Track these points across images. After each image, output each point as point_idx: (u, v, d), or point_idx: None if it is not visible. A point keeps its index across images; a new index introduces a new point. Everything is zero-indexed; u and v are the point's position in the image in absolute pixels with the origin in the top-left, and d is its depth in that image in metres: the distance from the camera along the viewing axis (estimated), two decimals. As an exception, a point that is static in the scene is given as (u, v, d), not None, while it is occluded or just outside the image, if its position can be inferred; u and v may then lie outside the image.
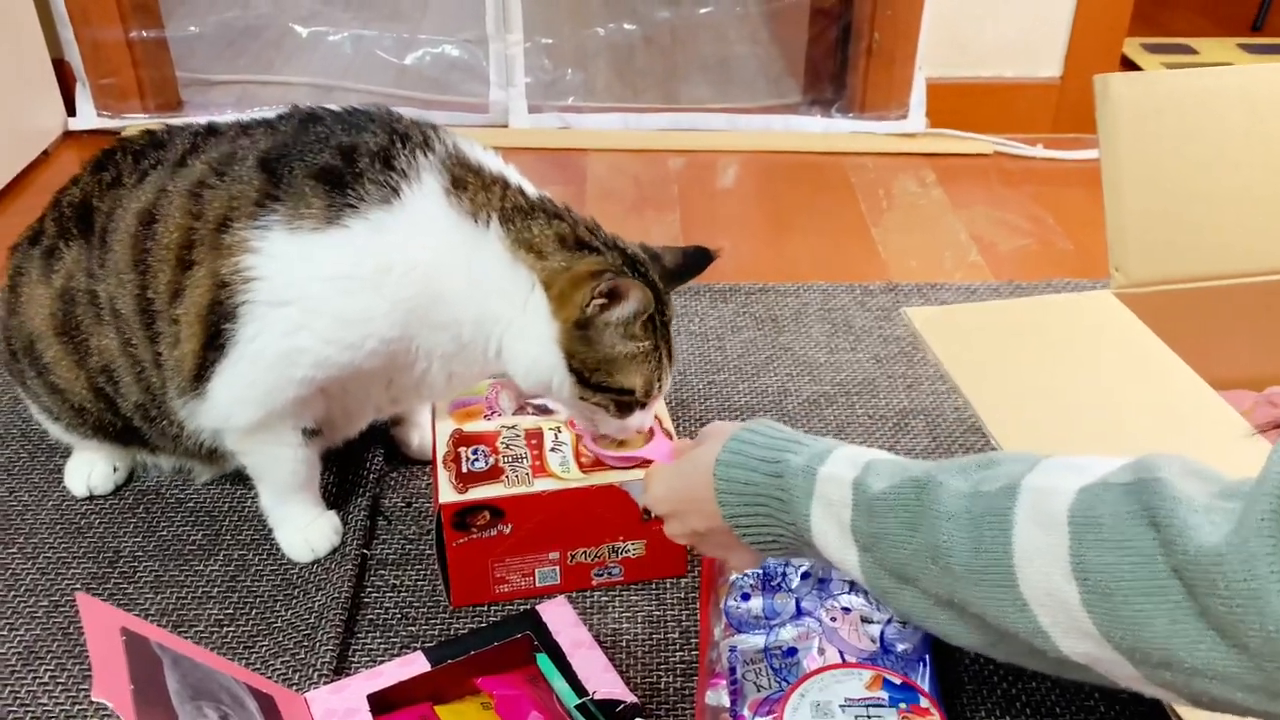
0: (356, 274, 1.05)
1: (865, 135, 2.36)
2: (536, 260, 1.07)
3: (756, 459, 0.90)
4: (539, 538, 1.18)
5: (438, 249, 1.07)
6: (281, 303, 1.06)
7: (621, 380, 1.09)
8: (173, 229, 1.09)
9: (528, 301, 1.08)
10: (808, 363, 1.64)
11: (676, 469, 0.99)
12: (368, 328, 1.07)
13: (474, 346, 1.11)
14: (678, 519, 0.98)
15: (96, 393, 1.21)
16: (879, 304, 1.79)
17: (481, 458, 1.20)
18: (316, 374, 1.10)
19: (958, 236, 2.03)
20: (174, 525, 1.32)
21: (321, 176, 1.06)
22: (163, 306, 1.10)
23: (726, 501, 0.90)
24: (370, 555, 1.28)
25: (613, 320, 1.06)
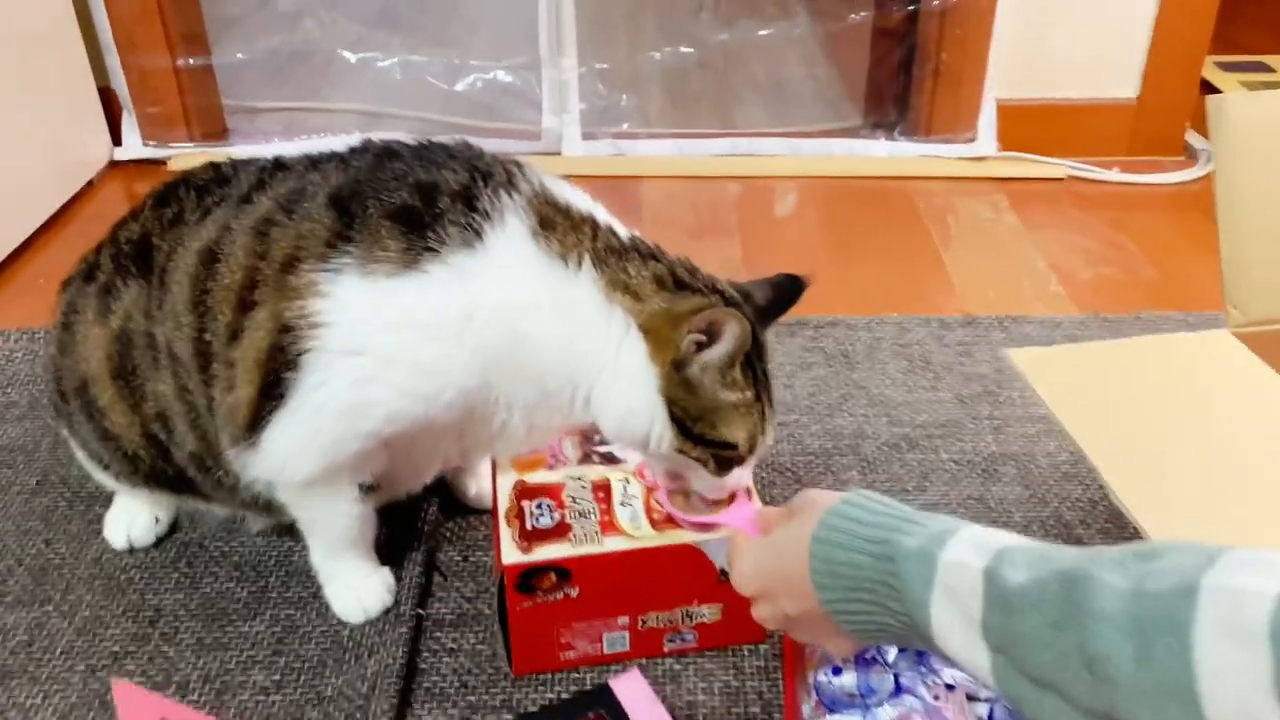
0: (436, 321, 0.98)
1: (932, 159, 2.26)
2: (634, 303, 1.00)
3: (861, 538, 0.80)
4: (608, 601, 1.09)
5: (525, 294, 0.99)
6: (352, 351, 0.99)
7: (724, 432, 1.01)
8: (235, 268, 1.02)
9: (621, 346, 1.00)
10: (884, 402, 1.53)
11: (767, 545, 0.90)
12: (446, 378, 0.99)
13: (560, 396, 1.03)
14: (767, 601, 0.89)
15: (150, 440, 1.14)
16: (957, 338, 1.68)
17: (547, 513, 1.10)
18: (386, 428, 1.02)
19: (1035, 265, 1.93)
20: (218, 581, 1.24)
21: (398, 217, 0.99)
22: (220, 349, 1.03)
23: (825, 585, 0.81)
24: (426, 615, 1.19)
25: (711, 362, 0.98)
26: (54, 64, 2.11)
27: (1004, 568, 0.71)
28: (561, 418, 1.06)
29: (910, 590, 0.76)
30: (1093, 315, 1.75)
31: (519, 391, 1.03)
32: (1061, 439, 1.45)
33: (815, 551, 0.81)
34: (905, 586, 0.76)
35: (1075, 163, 2.25)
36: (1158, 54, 2.21)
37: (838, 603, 0.80)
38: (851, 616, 0.80)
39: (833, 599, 0.80)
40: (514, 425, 1.06)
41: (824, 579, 0.80)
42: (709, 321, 0.95)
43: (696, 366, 0.98)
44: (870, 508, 0.82)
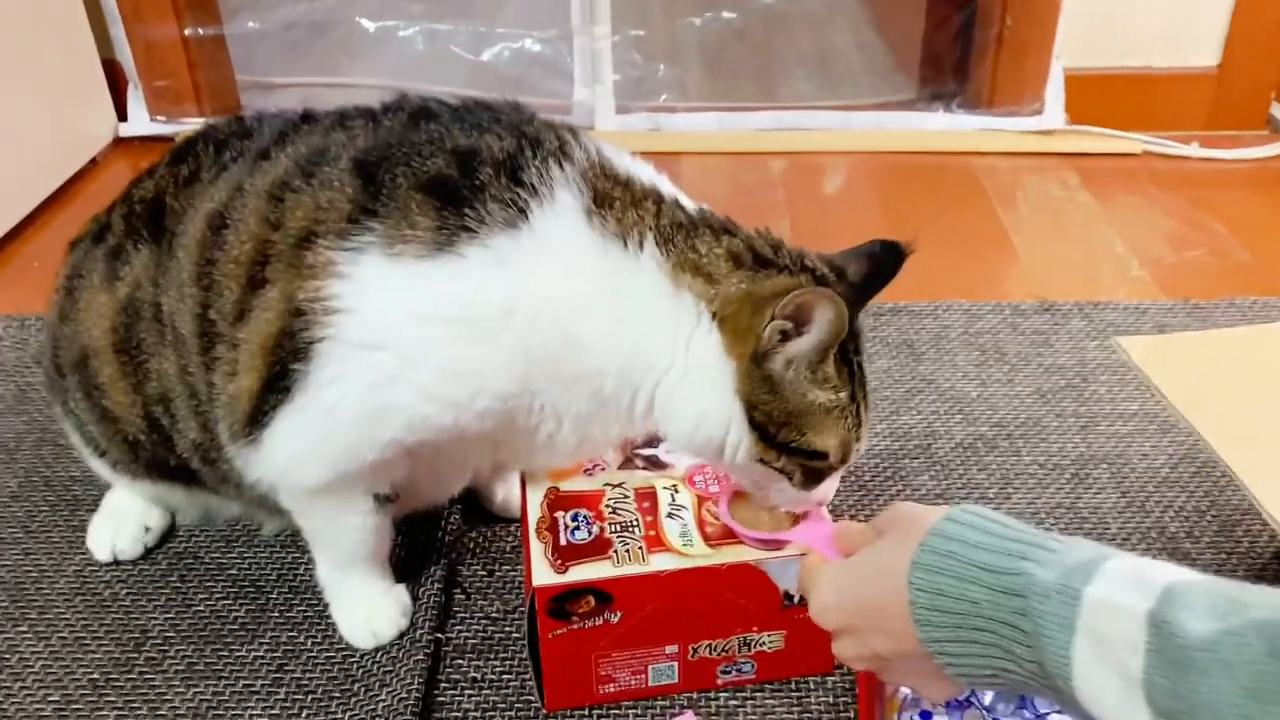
0: (471, 316, 0.84)
1: (994, 133, 2.11)
2: (706, 285, 0.85)
3: (977, 565, 0.66)
4: (654, 627, 0.94)
5: (577, 284, 0.85)
6: (372, 346, 0.85)
7: (813, 439, 0.86)
8: (245, 238, 0.89)
9: (691, 340, 0.85)
10: (956, 398, 1.38)
11: (854, 570, 0.75)
12: (481, 382, 0.86)
13: (617, 402, 0.89)
14: (854, 637, 0.75)
15: (151, 424, 1.01)
16: (1034, 326, 1.52)
17: (584, 526, 0.96)
18: (408, 436, 0.88)
19: (1113, 247, 1.76)
20: (212, 598, 1.10)
21: (432, 189, 0.85)
22: (225, 329, 0.90)
23: (929, 622, 0.67)
24: (445, 640, 1.05)
25: (799, 354, 0.83)
26: (53, 34, 1.98)
27: (1177, 612, 0.56)
28: (620, 427, 0.92)
29: (1045, 634, 0.61)
30: (1181, 301, 1.58)
31: (569, 398, 0.88)
32: (1159, 438, 1.29)
33: (917, 580, 0.68)
34: (1038, 629, 0.62)
35: (1151, 137, 2.09)
36: (1241, 19, 2.04)
37: (945, 643, 0.67)
38: (961, 660, 0.67)
39: (938, 638, 0.67)
40: (562, 437, 0.92)
41: (928, 614, 0.67)
42: (797, 305, 0.80)
43: (781, 360, 0.83)
44: (986, 527, 0.68)
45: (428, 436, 0.88)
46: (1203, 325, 1.51)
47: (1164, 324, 1.52)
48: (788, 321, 0.81)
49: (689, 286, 0.85)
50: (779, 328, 0.81)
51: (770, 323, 0.81)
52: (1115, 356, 1.44)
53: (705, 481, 1.00)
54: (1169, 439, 1.29)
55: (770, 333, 0.82)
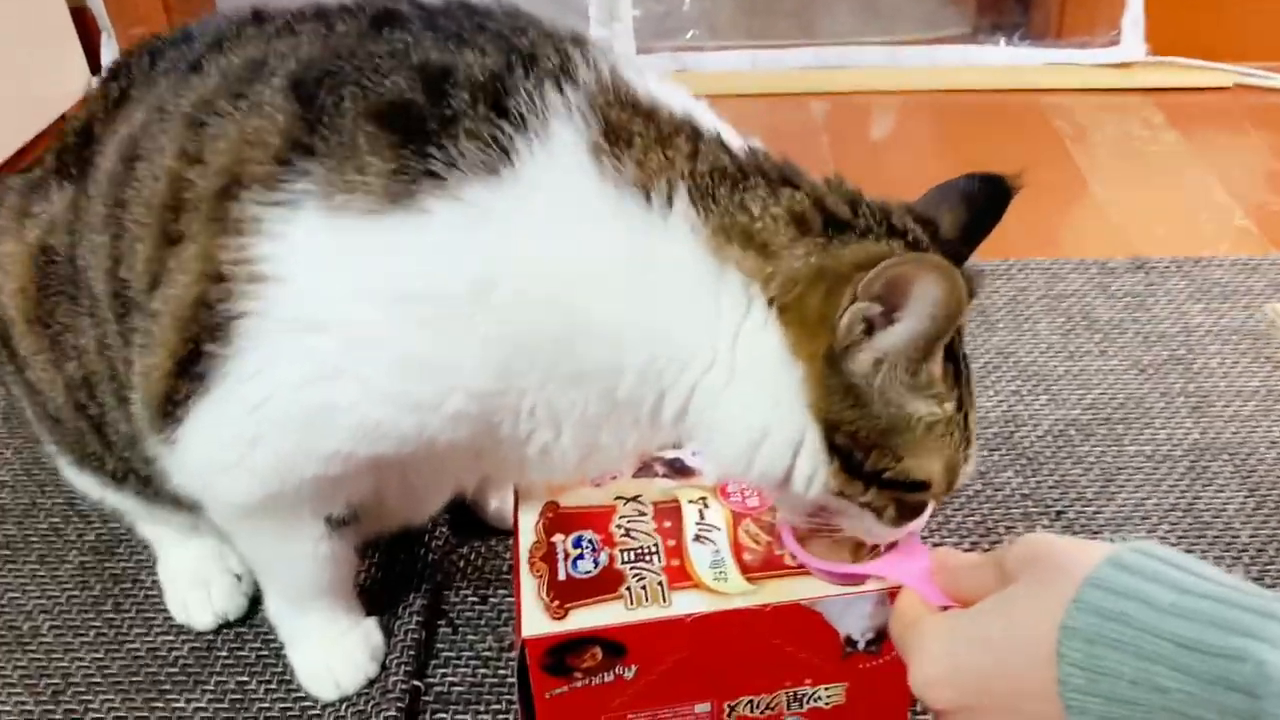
0: (437, 292, 0.64)
1: (1064, 68, 1.89)
2: (759, 260, 0.63)
3: (1167, 638, 0.46)
4: (680, 682, 0.74)
5: (580, 249, 0.64)
6: (306, 327, 0.65)
7: (912, 466, 0.65)
8: (158, 174, 0.70)
9: (740, 332, 0.64)
10: (1039, 374, 1.16)
11: (973, 628, 0.55)
12: (448, 378, 0.65)
13: (637, 407, 0.68)
14: (971, 718, 0.54)
15: (79, 411, 0.83)
16: (1126, 287, 1.29)
17: (589, 554, 0.75)
18: (358, 448, 0.68)
19: (1211, 195, 1.53)
20: (150, 633, 0.92)
21: (387, 119, 0.65)
22: (139, 294, 0.71)
23: (1088, 711, 0.48)
24: (425, 688, 0.85)
25: (895, 350, 0.62)
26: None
27: None
28: (638, 436, 0.71)
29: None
30: (1294, 257, 1.35)
31: (569, 400, 0.68)
32: (1290, 422, 1.07)
33: (1071, 653, 0.49)
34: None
35: (1245, 68, 1.86)
36: (1351, -73, 1.78)
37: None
38: None
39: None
40: (562, 449, 0.71)
41: (1085, 700, 0.48)
42: (888, 279, 0.59)
43: (868, 360, 0.62)
44: (1176, 580, 0.48)
45: (385, 448, 0.68)
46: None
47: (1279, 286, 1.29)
48: (875, 304, 0.60)
49: (736, 262, 0.63)
50: (863, 313, 0.60)
51: (850, 306, 0.60)
52: (1225, 322, 1.22)
53: (743, 494, 0.79)
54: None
55: (850, 320, 0.60)
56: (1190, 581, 0.47)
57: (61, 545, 1.00)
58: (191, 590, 0.92)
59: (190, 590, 0.92)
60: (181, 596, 0.92)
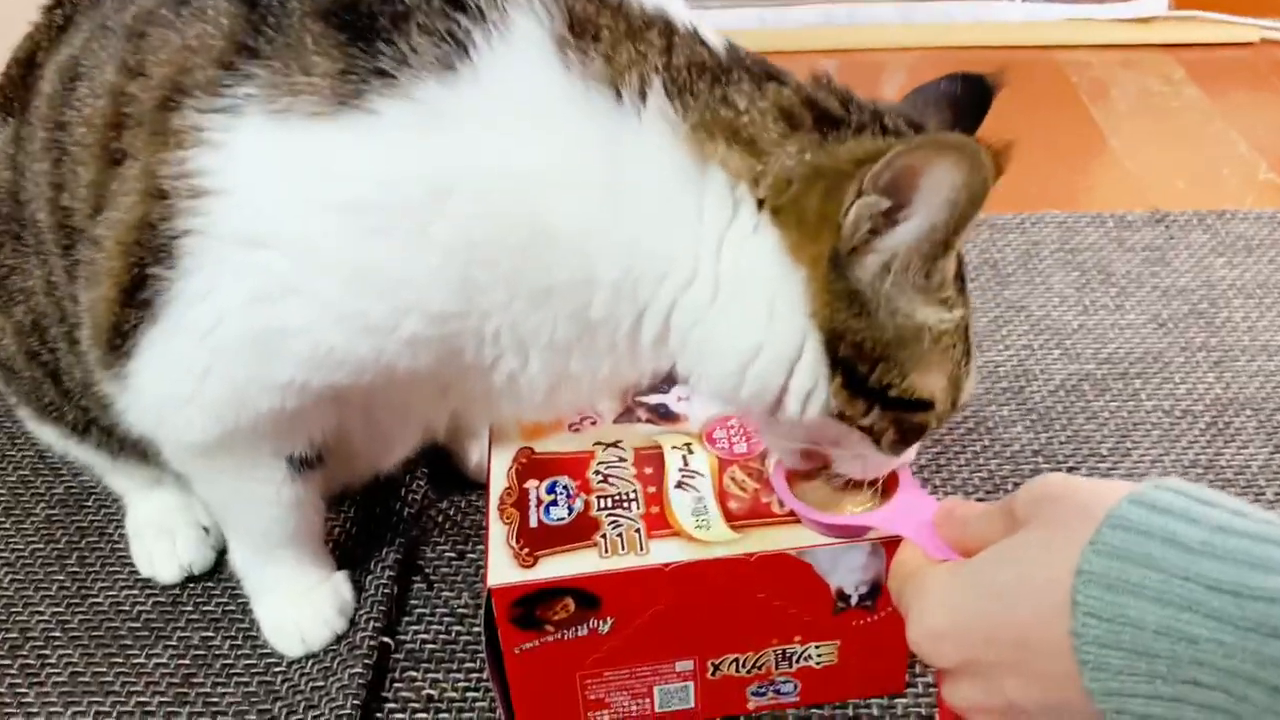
0: (388, 201, 0.59)
1: (1082, 23, 1.82)
2: (746, 157, 0.58)
3: (1197, 580, 0.40)
4: (660, 638, 0.69)
5: (544, 150, 0.58)
6: (252, 242, 0.60)
7: (918, 382, 0.59)
8: (99, 91, 0.65)
9: (725, 239, 0.59)
10: (1052, 328, 1.10)
11: (978, 578, 0.49)
12: (404, 296, 0.60)
13: (612, 329, 0.62)
14: (976, 679, 0.48)
15: (32, 359, 0.78)
16: (1144, 240, 1.23)
17: (562, 501, 0.70)
18: (313, 376, 0.63)
19: (1235, 149, 1.46)
20: (114, 587, 0.87)
21: (335, 17, 0.60)
22: (83, 222, 0.66)
23: (1105, 665, 0.42)
24: (395, 645, 0.80)
25: (908, 248, 0.56)
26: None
27: None
28: (613, 365, 0.65)
29: None
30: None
31: (536, 321, 0.62)
32: (1318, 377, 1.00)
33: (1088, 600, 0.42)
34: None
35: (1271, 22, 1.78)
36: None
37: (1129, 699, 0.42)
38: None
39: (1119, 690, 0.42)
40: (529, 378, 0.65)
41: (1103, 654, 0.42)
42: (898, 170, 0.52)
43: (876, 262, 0.56)
44: (1207, 516, 0.41)
45: (342, 377, 0.63)
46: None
47: (1310, 236, 1.22)
48: (883, 198, 0.54)
49: (721, 160, 0.57)
50: (870, 208, 0.54)
51: (857, 200, 0.54)
52: (1249, 276, 1.15)
53: (729, 439, 0.74)
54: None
55: (857, 217, 0.54)
56: (1225, 519, 0.41)
57: (29, 498, 0.95)
58: (157, 542, 0.87)
59: (155, 542, 0.87)
60: (147, 548, 0.87)
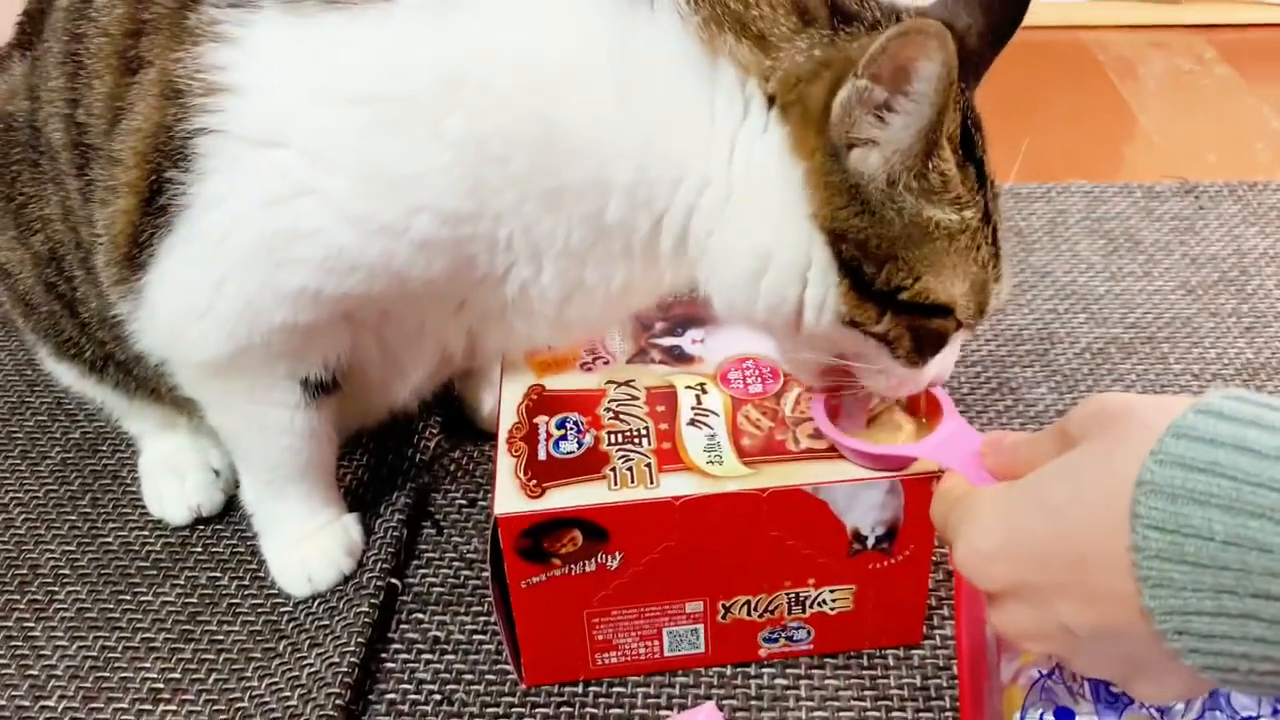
0: (398, 92, 0.57)
1: (1109, 3, 1.74)
2: (756, 52, 0.55)
3: (1271, 485, 0.37)
4: (669, 577, 0.66)
5: (556, 41, 0.57)
6: (267, 142, 0.58)
7: (933, 284, 0.56)
8: (115, 2, 0.62)
9: (737, 139, 0.57)
10: (1079, 293, 1.06)
11: (1031, 496, 0.45)
12: (415, 193, 0.58)
13: (629, 234, 0.60)
14: (1028, 602, 0.45)
15: (50, 291, 0.76)
16: (1173, 210, 1.18)
17: (572, 435, 0.68)
18: (325, 284, 0.61)
19: (1268, 124, 1.41)
20: (125, 527, 0.85)
21: None
22: (98, 139, 0.64)
23: (1167, 581, 0.39)
24: (403, 587, 0.78)
25: (899, 143, 0.53)
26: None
27: None
28: (627, 274, 0.62)
29: None
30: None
31: (548, 226, 0.60)
32: (1352, 342, 0.96)
33: (1149, 512, 0.39)
34: None
35: (1305, 3, 1.70)
36: None
37: (1193, 617, 0.38)
38: (1220, 645, 0.38)
39: (1181, 608, 0.38)
40: (543, 289, 0.63)
41: (1166, 568, 0.38)
42: (891, 56, 0.50)
43: (875, 155, 0.53)
44: (1275, 420, 0.38)
45: (354, 284, 0.60)
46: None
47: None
48: (877, 85, 0.51)
49: (730, 53, 0.55)
50: (861, 93, 0.51)
51: (851, 84, 0.51)
52: (1283, 245, 1.11)
53: (745, 379, 0.71)
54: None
55: (847, 101, 0.52)
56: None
57: (45, 442, 0.93)
58: (167, 482, 0.85)
59: (166, 482, 0.85)
60: (157, 488, 0.85)
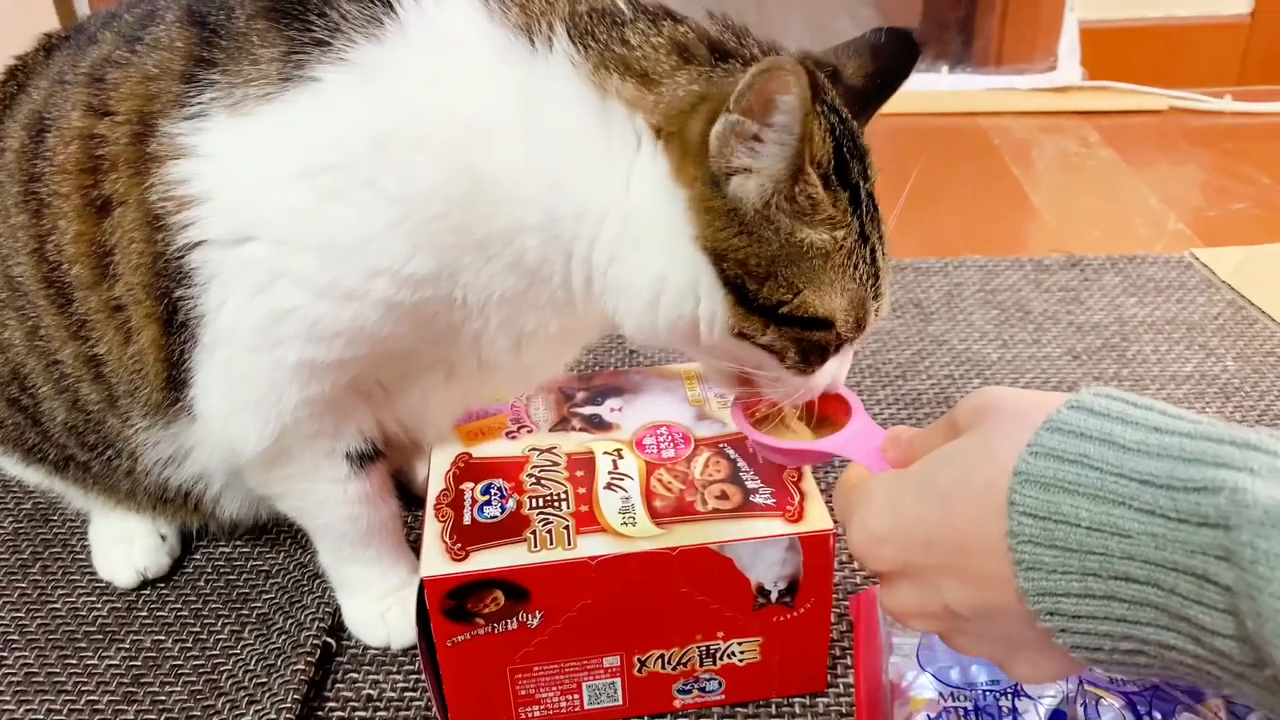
0: (336, 160, 0.58)
1: (1005, 92, 1.83)
2: (641, 89, 0.58)
3: (1131, 476, 0.39)
4: (587, 633, 0.67)
5: (473, 94, 0.58)
6: (240, 237, 0.60)
7: (811, 299, 0.58)
8: (68, 137, 0.64)
9: (633, 172, 0.59)
10: (974, 360, 1.09)
11: (919, 481, 0.48)
12: (369, 255, 0.59)
13: (548, 274, 0.62)
14: (914, 582, 0.48)
15: (12, 405, 0.75)
16: (1061, 282, 1.23)
17: (495, 501, 0.69)
18: (318, 354, 0.62)
19: (1146, 202, 1.47)
20: (73, 594, 0.85)
21: (275, 11, 0.60)
22: (87, 288, 0.65)
23: (1039, 564, 0.41)
24: (339, 647, 0.78)
25: (768, 170, 0.55)
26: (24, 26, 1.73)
27: None
28: (561, 321, 0.65)
29: (1270, 590, 0.34)
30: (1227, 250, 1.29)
31: (487, 277, 0.61)
32: (1221, 402, 1.00)
33: (1024, 499, 0.41)
34: (1254, 581, 0.34)
35: (1178, 92, 1.80)
36: (1276, -38, 1.74)
37: (1063, 598, 0.40)
38: (1087, 625, 0.40)
39: (1052, 589, 0.41)
40: (491, 336, 0.65)
41: (1038, 552, 0.41)
42: (758, 89, 0.52)
43: (749, 185, 0.56)
44: (1141, 418, 0.40)
45: (338, 351, 0.62)
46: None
47: (1210, 279, 1.23)
48: (748, 119, 0.53)
49: (617, 92, 0.57)
50: (734, 127, 0.54)
51: (723, 119, 0.54)
52: (1159, 314, 1.16)
53: (658, 445, 0.73)
54: (1233, 403, 1.00)
55: (722, 135, 0.54)
56: (1160, 420, 0.40)
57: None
58: (115, 546, 0.84)
59: (114, 546, 0.84)
60: (105, 553, 0.85)
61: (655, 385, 0.80)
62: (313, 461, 0.70)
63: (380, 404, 0.70)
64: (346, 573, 0.78)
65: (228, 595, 0.82)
